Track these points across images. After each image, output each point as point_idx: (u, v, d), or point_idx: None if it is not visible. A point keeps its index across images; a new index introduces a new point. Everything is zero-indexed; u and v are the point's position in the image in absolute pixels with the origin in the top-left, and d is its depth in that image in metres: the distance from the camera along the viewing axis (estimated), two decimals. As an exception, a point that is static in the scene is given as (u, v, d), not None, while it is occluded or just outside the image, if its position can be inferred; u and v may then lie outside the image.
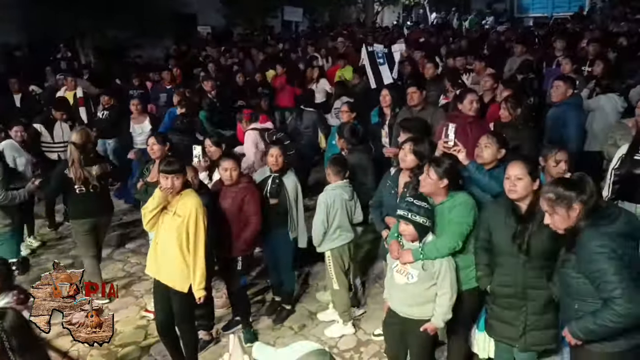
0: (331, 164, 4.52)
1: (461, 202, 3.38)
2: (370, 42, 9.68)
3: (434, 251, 3.28)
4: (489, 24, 20.32)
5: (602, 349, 2.71)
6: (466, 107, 4.92)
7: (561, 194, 2.70)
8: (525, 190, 3.08)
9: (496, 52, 10.92)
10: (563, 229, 2.75)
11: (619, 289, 2.52)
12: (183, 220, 3.74)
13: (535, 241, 3.06)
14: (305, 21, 22.91)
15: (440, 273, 3.29)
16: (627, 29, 11.20)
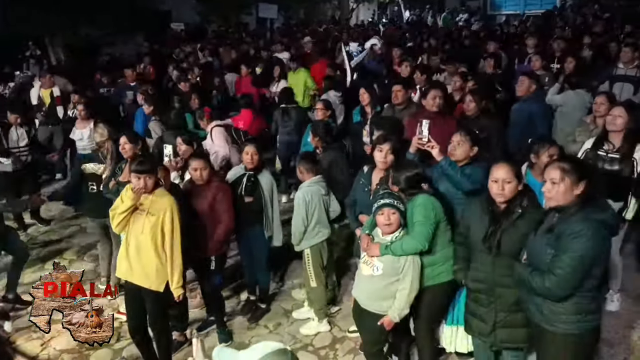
0: (302, 162, 4.50)
1: (420, 204, 3.40)
2: (346, 41, 9.61)
3: (399, 250, 3.33)
4: (462, 21, 20.51)
5: (564, 329, 2.82)
6: (429, 103, 4.97)
7: (574, 168, 2.80)
8: (513, 193, 3.11)
9: (469, 49, 11.04)
10: (557, 202, 2.80)
11: (562, 270, 2.71)
12: (157, 220, 3.70)
13: (506, 239, 3.10)
14: (280, 18, 22.85)
15: (404, 269, 3.35)
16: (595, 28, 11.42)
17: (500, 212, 3.15)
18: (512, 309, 3.18)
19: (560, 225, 2.78)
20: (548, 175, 2.84)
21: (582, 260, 2.70)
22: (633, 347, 4.12)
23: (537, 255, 2.88)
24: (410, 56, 8.91)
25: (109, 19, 13.27)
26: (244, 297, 5.17)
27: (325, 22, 21.91)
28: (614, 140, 4.24)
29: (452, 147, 3.86)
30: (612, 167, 4.20)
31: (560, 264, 2.72)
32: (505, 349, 3.33)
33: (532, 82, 5.68)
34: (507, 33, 13.71)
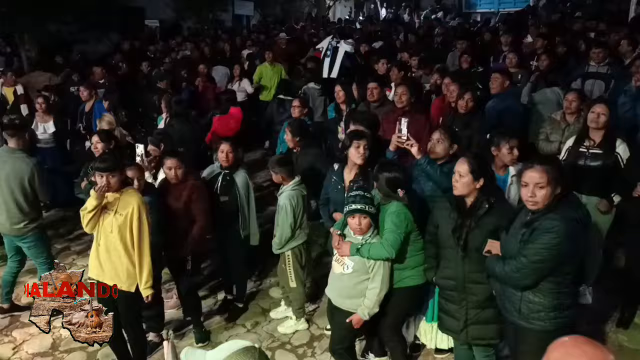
0: (280, 166, 4.36)
1: (391, 212, 3.38)
2: (322, 37, 9.56)
3: (366, 254, 3.33)
4: (437, 19, 20.67)
5: (542, 326, 2.86)
6: (396, 100, 5.06)
7: (558, 171, 2.83)
8: (466, 188, 3.14)
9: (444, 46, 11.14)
10: (541, 206, 2.82)
11: (524, 259, 2.77)
12: (126, 219, 3.65)
13: (472, 236, 3.13)
14: (256, 15, 22.72)
15: (374, 268, 3.36)
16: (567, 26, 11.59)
17: (467, 208, 3.18)
18: (483, 305, 3.21)
19: (536, 222, 2.82)
20: (532, 179, 2.79)
21: (547, 252, 2.74)
22: (605, 340, 4.20)
23: (511, 249, 2.91)
24: (388, 54, 8.96)
25: (78, 14, 12.98)
26: (221, 296, 5.13)
27: (302, 19, 21.82)
28: (594, 136, 4.31)
29: (432, 145, 3.87)
30: (594, 162, 4.28)
31: (525, 252, 2.79)
32: (476, 345, 3.36)
33: (505, 79, 5.77)
34: (480, 30, 13.84)
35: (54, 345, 4.54)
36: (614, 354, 1.63)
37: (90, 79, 9.08)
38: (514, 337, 3.07)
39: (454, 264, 3.24)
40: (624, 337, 4.23)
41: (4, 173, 4.59)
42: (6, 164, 4.62)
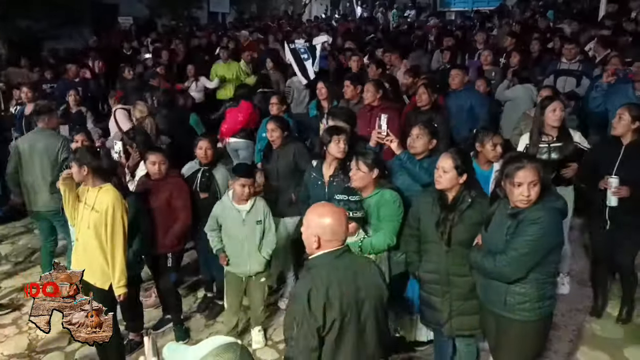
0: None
1: (388, 200, 3.45)
2: (291, 39, 9.39)
3: (369, 248, 3.36)
4: (410, 17, 20.85)
5: (527, 317, 2.91)
6: (366, 96, 5.12)
7: (542, 167, 2.91)
8: (450, 183, 3.18)
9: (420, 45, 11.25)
10: (533, 202, 2.88)
11: (515, 252, 2.81)
12: (101, 216, 3.63)
13: (456, 230, 3.18)
14: (232, 12, 22.59)
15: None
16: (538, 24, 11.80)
17: (450, 202, 3.23)
18: (466, 297, 3.26)
19: (521, 214, 2.87)
20: (526, 178, 2.81)
21: (535, 244, 2.79)
22: (579, 330, 4.32)
23: (496, 244, 2.95)
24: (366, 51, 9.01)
25: (48, 11, 12.71)
26: (200, 294, 5.10)
27: (278, 16, 21.76)
28: (552, 131, 4.41)
29: (411, 140, 3.91)
30: (558, 155, 4.38)
31: (514, 245, 2.82)
32: (459, 336, 3.42)
33: (464, 75, 6.00)
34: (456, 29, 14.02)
35: (30, 346, 4.46)
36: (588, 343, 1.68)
37: (64, 77, 8.95)
38: (495, 328, 3.11)
39: (437, 258, 3.28)
40: (597, 327, 4.35)
41: (39, 151, 4.96)
42: (39, 142, 5.00)
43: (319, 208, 2.57)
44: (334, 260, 2.44)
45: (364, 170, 3.44)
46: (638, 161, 3.91)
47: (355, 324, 2.44)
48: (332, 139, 3.96)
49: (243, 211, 4.02)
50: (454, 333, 3.38)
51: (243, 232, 4.03)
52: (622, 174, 3.91)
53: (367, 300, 2.47)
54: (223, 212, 4.06)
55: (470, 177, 3.24)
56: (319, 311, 2.33)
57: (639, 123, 3.97)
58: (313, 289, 2.35)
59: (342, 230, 2.46)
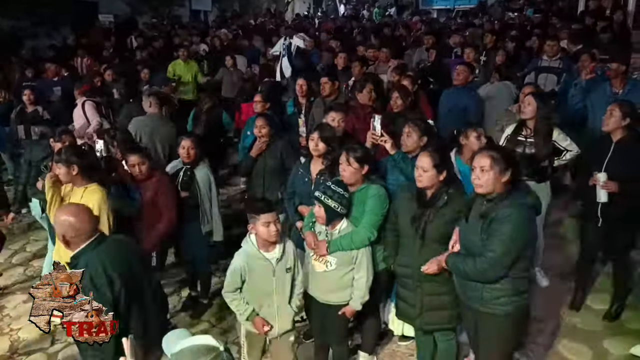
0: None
1: (374, 195, 3.47)
2: (280, 35, 9.41)
3: (349, 244, 3.37)
4: (391, 15, 20.96)
5: (503, 310, 2.96)
6: (365, 97, 5.03)
7: (503, 157, 2.92)
8: (430, 181, 3.21)
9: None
10: (486, 190, 2.93)
11: (494, 252, 2.84)
12: None
13: (431, 226, 3.21)
14: (214, 10, 22.45)
15: (357, 258, 3.39)
16: (517, 21, 11.97)
17: (427, 199, 3.26)
18: (437, 291, 3.30)
19: (491, 211, 2.90)
20: (478, 162, 2.94)
21: (511, 242, 2.83)
22: (560, 322, 4.39)
23: (472, 242, 2.99)
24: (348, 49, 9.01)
25: (27, 8, 12.51)
26: (185, 293, 5.08)
27: (261, 14, 21.69)
28: (531, 126, 4.50)
29: (402, 139, 3.92)
30: (530, 150, 4.47)
31: (491, 246, 2.85)
32: (432, 330, 3.47)
33: (470, 73, 6.00)
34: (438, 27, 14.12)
35: (12, 347, 4.40)
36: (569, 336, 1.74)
37: (43, 76, 8.84)
38: (474, 323, 3.17)
39: (410, 252, 3.33)
40: (577, 319, 4.42)
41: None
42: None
43: (62, 210, 2.90)
44: (97, 247, 2.75)
45: (355, 166, 3.46)
46: (627, 157, 3.97)
47: (136, 292, 2.80)
48: (310, 136, 4.00)
49: (273, 259, 3.23)
50: (425, 327, 3.44)
51: (272, 284, 3.26)
52: (611, 170, 3.96)
53: (138, 271, 2.82)
54: (249, 263, 3.24)
55: (449, 175, 3.28)
56: (105, 287, 2.61)
57: (629, 120, 4.02)
58: (92, 274, 2.58)
59: (86, 226, 2.76)
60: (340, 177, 3.59)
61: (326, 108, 4.90)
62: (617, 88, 5.27)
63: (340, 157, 3.51)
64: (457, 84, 5.97)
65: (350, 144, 3.76)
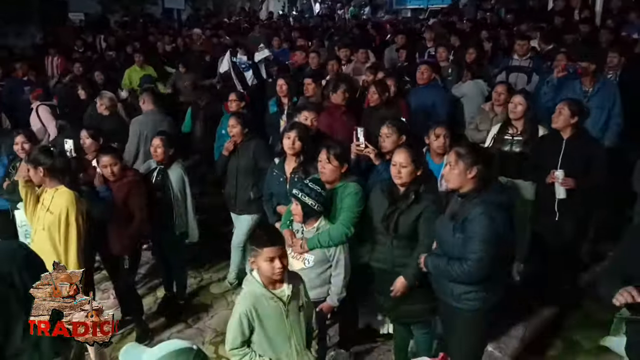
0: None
1: (351, 192, 3.51)
2: (234, 50, 8.99)
3: (327, 241, 3.39)
4: (365, 14, 21.08)
5: (472, 306, 3.02)
6: (339, 98, 5.09)
7: (468, 153, 2.94)
8: (410, 176, 3.25)
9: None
10: (453, 185, 2.97)
11: (477, 254, 2.85)
12: (55, 218, 3.56)
13: (403, 221, 3.26)
14: (187, 9, 22.25)
15: (335, 255, 3.42)
16: (489, 21, 12.12)
17: (399, 195, 3.30)
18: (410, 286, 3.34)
19: (463, 210, 2.95)
20: (447, 158, 3.01)
21: (490, 241, 2.86)
22: (532, 316, 4.47)
23: (447, 241, 3.03)
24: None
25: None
26: (160, 294, 5.04)
27: (235, 13, 21.55)
28: (517, 125, 4.60)
29: (381, 140, 3.95)
30: (518, 148, 4.56)
31: (471, 248, 2.87)
32: (405, 323, 3.54)
33: (432, 72, 6.09)
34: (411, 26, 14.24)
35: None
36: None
37: (13, 75, 8.64)
38: (446, 315, 3.24)
39: (383, 248, 3.38)
40: (549, 313, 4.51)
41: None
42: None
43: None
44: None
45: (335, 164, 3.48)
46: (578, 155, 4.09)
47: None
48: (285, 135, 4.01)
49: (284, 297, 2.75)
50: (400, 320, 3.51)
51: (287, 326, 2.78)
52: (566, 168, 4.07)
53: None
54: (257, 307, 2.71)
55: (424, 171, 3.33)
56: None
57: (577, 118, 4.14)
58: None
59: None
60: (317, 175, 3.62)
61: (297, 107, 4.92)
62: (587, 86, 5.39)
63: (320, 155, 3.52)
64: (421, 83, 6.04)
65: (324, 142, 3.78)
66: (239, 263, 4.99)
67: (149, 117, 5.86)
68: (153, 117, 5.85)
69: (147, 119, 5.85)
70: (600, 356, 3.86)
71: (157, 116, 5.91)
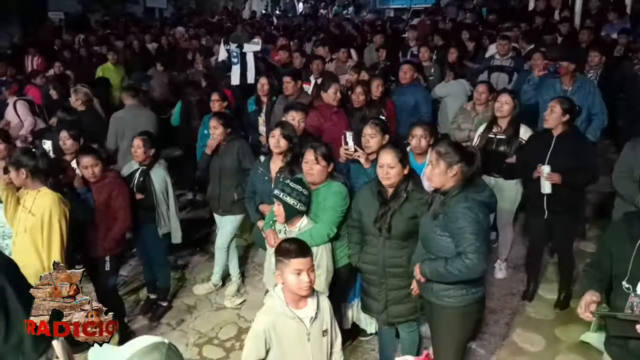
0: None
1: (335, 192, 3.50)
2: (226, 39, 8.94)
3: (309, 241, 3.36)
4: (349, 14, 21.12)
5: (451, 303, 3.03)
6: (330, 97, 5.08)
7: (449, 152, 2.94)
8: (398, 176, 3.25)
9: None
10: (435, 184, 2.98)
11: (473, 245, 2.83)
12: (37, 220, 3.50)
13: (395, 221, 3.26)
14: (169, 8, 22.08)
15: (317, 255, 3.39)
16: (470, 21, 12.20)
17: (389, 196, 3.31)
18: (401, 285, 3.36)
19: (444, 207, 2.95)
20: (429, 158, 3.02)
21: (480, 230, 2.87)
22: (514, 313, 4.53)
23: (431, 239, 3.03)
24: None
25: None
26: (143, 295, 4.99)
27: (218, 12, 21.42)
28: (501, 123, 4.66)
29: (365, 141, 3.94)
30: (501, 147, 4.61)
31: (466, 242, 2.84)
32: (396, 323, 3.54)
33: (414, 72, 6.12)
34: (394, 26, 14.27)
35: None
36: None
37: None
38: (429, 313, 3.26)
39: (375, 250, 3.37)
40: (531, 309, 4.57)
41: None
42: None
43: None
44: None
45: (323, 164, 3.48)
46: (567, 151, 4.13)
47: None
48: (270, 133, 3.99)
49: (306, 318, 2.54)
50: (391, 320, 3.49)
51: (308, 352, 2.56)
52: (554, 164, 4.10)
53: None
54: (277, 325, 2.51)
55: (410, 170, 3.34)
56: None
57: (568, 116, 4.18)
58: None
59: None
60: (300, 175, 3.61)
61: (286, 107, 4.89)
62: (567, 85, 5.48)
63: (306, 156, 3.50)
64: (403, 83, 6.07)
65: (310, 143, 3.77)
66: (223, 264, 4.97)
67: (128, 113, 6.05)
68: (132, 112, 6.03)
69: (126, 114, 6.02)
70: (581, 352, 3.92)
71: (137, 110, 6.06)
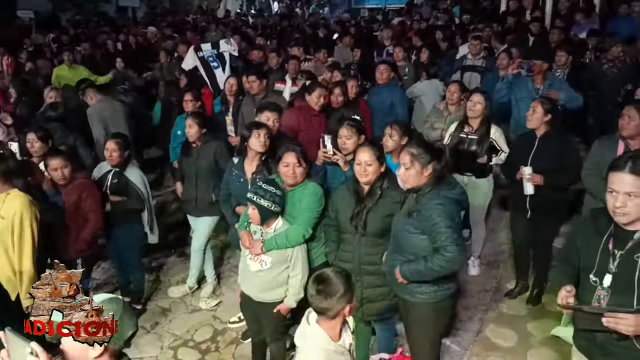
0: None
1: (310, 192, 3.51)
2: (197, 45, 8.73)
3: (284, 243, 3.38)
4: (324, 13, 21.16)
5: (424, 299, 3.08)
6: (313, 100, 5.05)
7: (422, 153, 2.97)
8: (375, 174, 3.27)
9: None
10: (411, 185, 3.01)
11: (450, 237, 2.87)
12: (7, 223, 3.41)
13: (370, 219, 3.28)
14: (142, 7, 21.80)
15: (293, 256, 3.41)
16: (443, 22, 12.34)
17: (365, 194, 3.33)
18: (377, 284, 3.38)
19: (416, 205, 2.99)
20: (401, 160, 3.04)
21: (453, 221, 2.92)
22: (487, 309, 4.59)
23: (402, 237, 3.07)
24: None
25: None
26: (117, 299, 4.93)
27: (192, 11, 21.22)
28: (473, 123, 4.70)
29: (341, 142, 3.94)
30: (472, 147, 4.66)
31: (442, 235, 2.87)
32: (372, 320, 3.57)
33: (391, 72, 6.15)
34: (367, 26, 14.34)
35: None
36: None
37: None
38: (403, 310, 3.30)
39: (351, 247, 3.39)
40: (504, 305, 4.64)
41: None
42: None
43: None
44: None
45: (304, 166, 3.50)
46: (550, 152, 4.17)
47: None
48: (252, 134, 3.94)
49: (347, 347, 2.47)
50: (366, 318, 3.52)
51: None
52: (536, 165, 4.15)
53: None
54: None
55: (386, 168, 3.37)
56: None
57: (550, 115, 4.23)
58: None
59: None
60: (273, 176, 3.61)
61: (259, 107, 4.87)
62: (539, 84, 5.61)
63: (287, 159, 3.48)
64: (380, 83, 6.09)
65: (287, 144, 3.77)
66: (199, 267, 4.92)
67: (102, 104, 6.18)
68: (106, 103, 6.23)
69: (102, 105, 6.16)
70: (552, 346, 4.00)
71: (109, 102, 6.29)
